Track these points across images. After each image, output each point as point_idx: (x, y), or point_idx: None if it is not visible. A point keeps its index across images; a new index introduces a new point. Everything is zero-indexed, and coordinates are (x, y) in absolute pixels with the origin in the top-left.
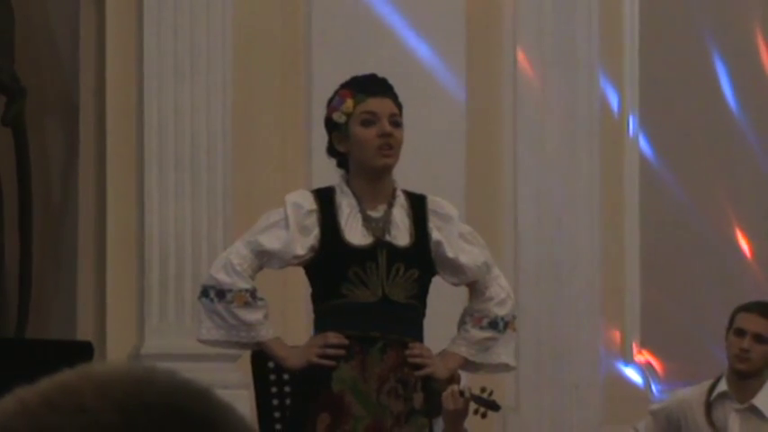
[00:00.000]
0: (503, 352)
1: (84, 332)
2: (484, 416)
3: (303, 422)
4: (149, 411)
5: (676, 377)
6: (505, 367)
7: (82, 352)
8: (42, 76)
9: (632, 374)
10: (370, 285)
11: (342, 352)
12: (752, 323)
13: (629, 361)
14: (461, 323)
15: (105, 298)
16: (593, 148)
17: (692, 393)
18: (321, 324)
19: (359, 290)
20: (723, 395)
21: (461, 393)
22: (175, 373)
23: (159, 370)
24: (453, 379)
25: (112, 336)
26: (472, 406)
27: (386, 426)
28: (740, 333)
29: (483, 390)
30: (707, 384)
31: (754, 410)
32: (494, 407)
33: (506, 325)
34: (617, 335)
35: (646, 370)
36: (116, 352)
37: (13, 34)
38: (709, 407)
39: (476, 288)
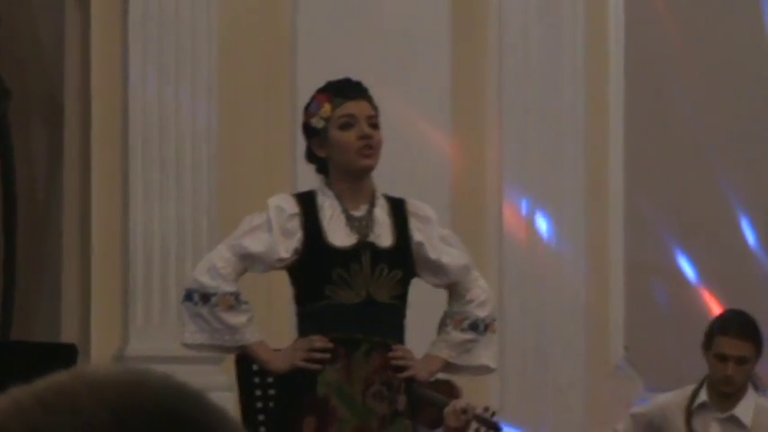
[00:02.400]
0: (483, 354)
1: (68, 334)
2: None
3: (288, 426)
4: (142, 413)
5: (659, 381)
6: (486, 369)
7: (66, 354)
8: (27, 77)
9: (616, 377)
10: (354, 286)
11: (327, 356)
12: (733, 348)
13: (612, 364)
14: (442, 325)
15: (90, 300)
16: (578, 154)
17: (674, 399)
18: (305, 326)
19: (343, 291)
20: (704, 405)
21: (464, 411)
22: (170, 377)
23: (153, 373)
24: (456, 395)
25: (97, 338)
26: (473, 424)
27: (372, 428)
28: (722, 358)
29: (486, 409)
30: (689, 390)
31: (735, 420)
32: (495, 428)
33: (486, 327)
34: (601, 338)
35: (629, 373)
36: (100, 354)
37: None
38: (689, 415)
39: (456, 290)
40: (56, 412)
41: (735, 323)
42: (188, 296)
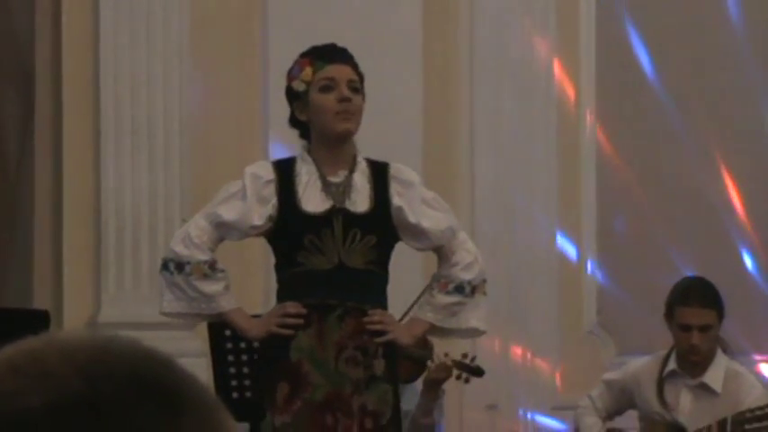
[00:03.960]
0: (472, 316)
1: (40, 301)
2: (467, 381)
3: (264, 391)
4: (113, 378)
5: (632, 347)
6: (475, 332)
7: (38, 321)
8: None
9: (588, 343)
10: (326, 252)
11: (300, 321)
12: (695, 317)
13: (585, 329)
14: (429, 289)
15: (62, 267)
16: (550, 115)
17: (646, 366)
18: (282, 293)
19: (315, 257)
20: (674, 373)
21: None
22: (138, 342)
23: (122, 338)
24: (427, 345)
25: (69, 304)
26: (455, 371)
27: (345, 393)
28: (686, 328)
29: (464, 356)
30: (660, 357)
31: (705, 387)
32: (477, 372)
33: (474, 289)
34: (574, 303)
35: (602, 338)
36: (73, 321)
37: None
38: (660, 383)
39: (442, 253)
40: (26, 376)
41: (694, 292)
42: (164, 265)
